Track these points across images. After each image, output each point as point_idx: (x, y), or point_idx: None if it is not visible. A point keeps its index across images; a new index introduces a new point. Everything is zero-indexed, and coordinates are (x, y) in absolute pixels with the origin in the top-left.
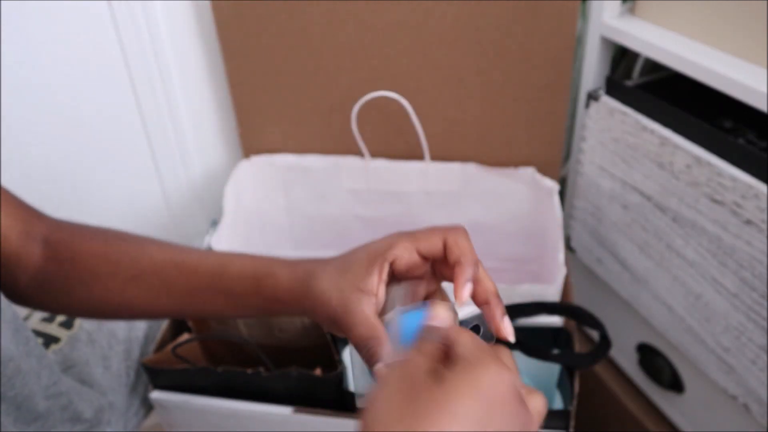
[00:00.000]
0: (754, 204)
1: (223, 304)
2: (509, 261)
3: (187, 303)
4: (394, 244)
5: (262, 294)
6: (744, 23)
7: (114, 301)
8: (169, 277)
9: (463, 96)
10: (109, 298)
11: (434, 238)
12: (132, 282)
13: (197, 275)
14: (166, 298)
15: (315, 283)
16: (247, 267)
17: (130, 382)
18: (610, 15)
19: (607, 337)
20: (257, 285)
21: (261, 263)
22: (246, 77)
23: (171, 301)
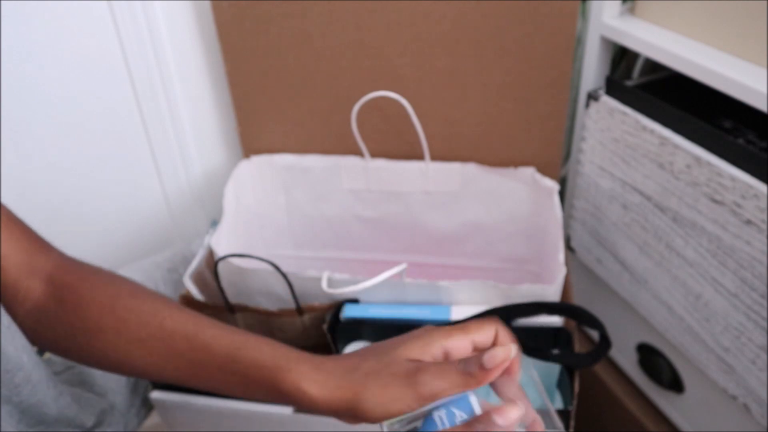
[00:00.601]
0: (754, 204)
1: (235, 386)
2: (509, 261)
3: (195, 377)
4: (449, 335)
5: (279, 389)
6: (744, 23)
7: (115, 358)
8: (177, 348)
9: (463, 96)
10: (110, 353)
11: (488, 329)
12: (137, 344)
13: (209, 353)
14: (172, 368)
15: (360, 403)
16: (265, 355)
17: (131, 383)
18: (610, 15)
19: (607, 337)
20: (274, 378)
21: (281, 354)
22: (246, 77)
23: (177, 372)
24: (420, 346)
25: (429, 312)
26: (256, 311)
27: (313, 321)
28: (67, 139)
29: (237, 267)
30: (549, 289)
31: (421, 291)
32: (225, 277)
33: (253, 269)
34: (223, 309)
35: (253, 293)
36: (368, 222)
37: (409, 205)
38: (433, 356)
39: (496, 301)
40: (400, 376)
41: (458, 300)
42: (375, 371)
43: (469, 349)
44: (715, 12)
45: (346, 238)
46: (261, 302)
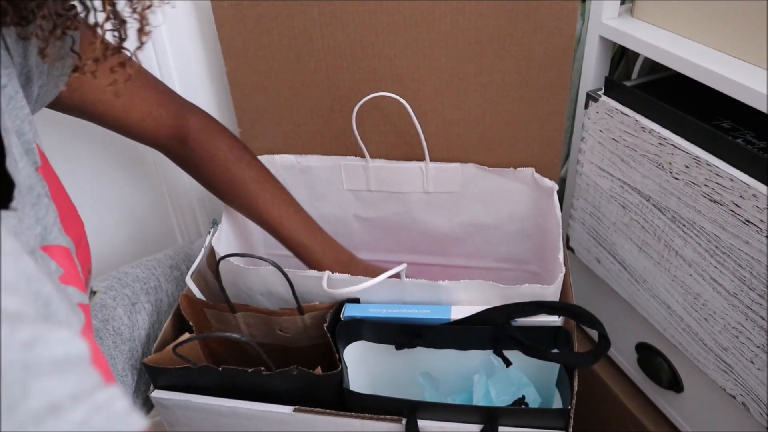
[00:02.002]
0: (753, 204)
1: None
2: (509, 261)
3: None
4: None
5: (298, 256)
6: (743, 24)
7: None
8: (263, 225)
9: (463, 96)
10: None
11: None
12: (240, 208)
13: (281, 239)
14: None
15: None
16: (297, 235)
17: (133, 383)
18: (609, 15)
19: (606, 337)
20: (297, 251)
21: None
22: (246, 77)
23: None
24: None
25: (429, 312)
26: (257, 311)
27: (313, 320)
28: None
29: (237, 267)
30: (548, 289)
31: (421, 291)
32: (226, 276)
33: (253, 269)
34: (225, 308)
35: (253, 293)
36: (368, 222)
37: (409, 205)
38: None
39: (495, 301)
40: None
41: (458, 300)
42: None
43: None
44: (714, 12)
45: (346, 238)
46: (261, 302)
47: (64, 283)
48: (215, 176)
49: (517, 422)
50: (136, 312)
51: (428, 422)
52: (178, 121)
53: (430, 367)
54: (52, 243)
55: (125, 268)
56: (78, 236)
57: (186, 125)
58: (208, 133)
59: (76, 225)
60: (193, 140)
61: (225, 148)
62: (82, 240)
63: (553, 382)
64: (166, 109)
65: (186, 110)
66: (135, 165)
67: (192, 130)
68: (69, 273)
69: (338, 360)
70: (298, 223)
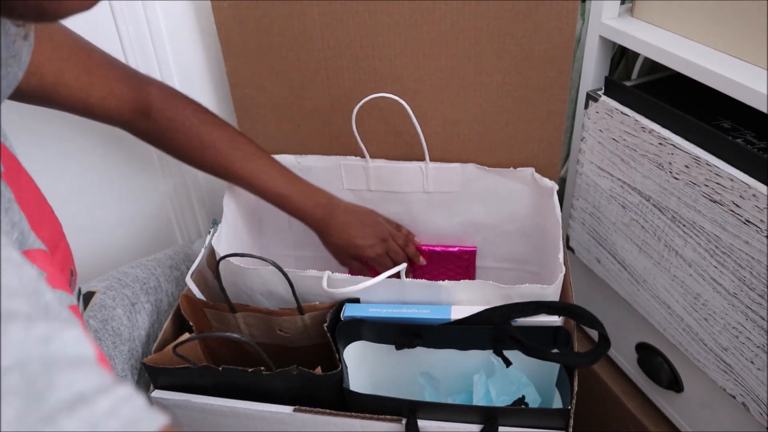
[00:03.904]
0: (753, 204)
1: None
2: (509, 261)
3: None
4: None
5: (280, 207)
6: (743, 23)
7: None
8: (239, 182)
9: (463, 96)
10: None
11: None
12: (212, 172)
13: (258, 191)
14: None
15: (325, 237)
16: (274, 185)
17: (133, 383)
18: (609, 15)
19: (606, 337)
20: (278, 202)
21: (280, 195)
22: (246, 77)
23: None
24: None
25: (429, 311)
26: (257, 310)
27: (313, 320)
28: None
29: (237, 267)
30: (548, 288)
31: (421, 291)
32: (226, 276)
33: (253, 269)
34: (225, 308)
35: (253, 293)
36: None
37: (409, 205)
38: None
39: (495, 301)
40: (370, 225)
41: (458, 300)
42: (353, 212)
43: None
44: (714, 12)
45: None
46: (261, 302)
47: (52, 287)
48: (185, 143)
49: (517, 422)
50: (135, 312)
51: (428, 422)
52: (139, 95)
53: (430, 367)
54: (30, 247)
55: (125, 268)
56: (55, 239)
57: (148, 98)
58: (170, 101)
59: (52, 227)
60: (157, 111)
61: (189, 113)
62: (61, 242)
63: (553, 382)
64: (126, 84)
65: (145, 83)
66: (135, 165)
67: (154, 101)
68: (52, 277)
69: (338, 360)
70: (274, 174)
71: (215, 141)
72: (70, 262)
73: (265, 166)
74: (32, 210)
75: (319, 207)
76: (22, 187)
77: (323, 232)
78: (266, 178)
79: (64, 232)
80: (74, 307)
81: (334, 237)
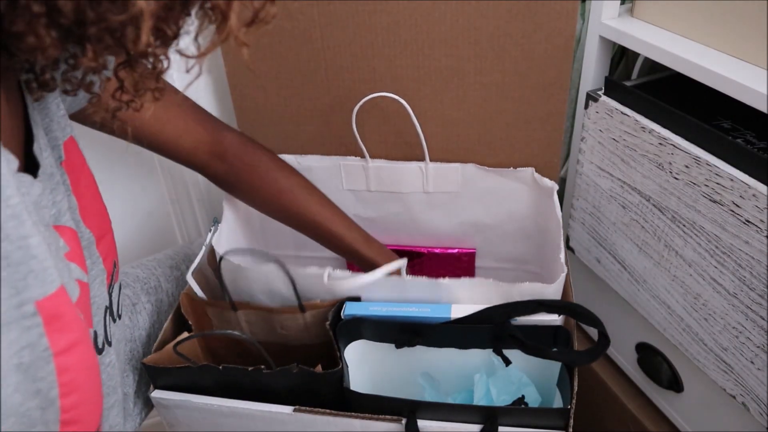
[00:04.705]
0: (753, 204)
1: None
2: (509, 261)
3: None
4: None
5: (351, 260)
6: (743, 23)
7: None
8: (318, 235)
9: (463, 96)
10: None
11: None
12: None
13: (335, 245)
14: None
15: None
16: (367, 254)
17: (135, 383)
18: (609, 15)
19: (605, 335)
20: (349, 253)
21: (358, 243)
22: (246, 77)
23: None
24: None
25: (429, 310)
26: (259, 308)
27: (315, 318)
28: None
29: (238, 266)
30: (549, 288)
31: (421, 289)
32: (226, 275)
33: (254, 267)
34: (226, 306)
35: (254, 292)
36: (368, 222)
37: (409, 205)
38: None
39: (496, 299)
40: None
41: (458, 298)
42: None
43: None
44: (714, 12)
45: None
46: (262, 301)
47: (69, 259)
48: (260, 188)
49: (517, 422)
50: (136, 312)
51: (428, 422)
52: (215, 138)
53: (431, 366)
54: (63, 224)
55: (125, 269)
56: (102, 231)
57: (223, 141)
58: (246, 146)
59: (101, 220)
60: (233, 155)
61: (265, 159)
62: (107, 234)
63: (553, 381)
64: (203, 126)
65: (220, 127)
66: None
67: (229, 145)
68: (74, 252)
69: (339, 358)
70: (349, 227)
71: (292, 186)
72: (113, 254)
73: (340, 218)
74: (86, 200)
75: (392, 259)
76: (82, 179)
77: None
78: (343, 230)
79: (111, 228)
80: (84, 284)
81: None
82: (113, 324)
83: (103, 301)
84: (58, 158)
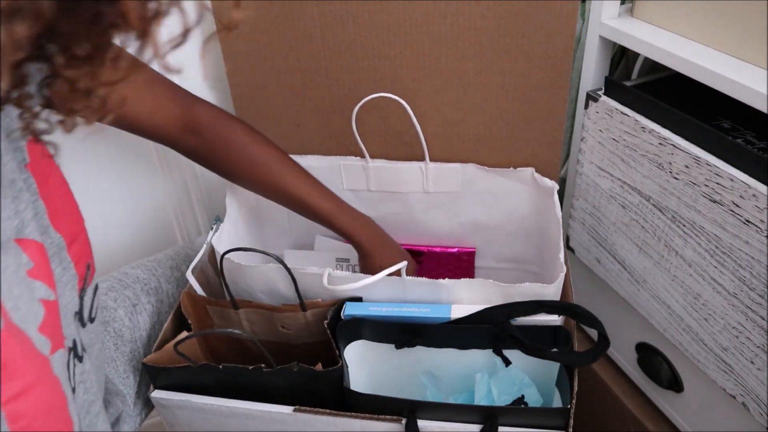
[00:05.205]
0: (753, 204)
1: (312, 220)
2: (509, 261)
3: (291, 209)
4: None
5: (328, 226)
6: (743, 23)
7: (243, 185)
8: (289, 201)
9: (463, 96)
10: (240, 184)
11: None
12: (262, 191)
13: (310, 212)
14: (279, 202)
15: (371, 256)
16: (345, 225)
17: (135, 383)
18: (609, 15)
19: (605, 336)
20: (323, 222)
21: (332, 214)
22: (246, 77)
23: (280, 203)
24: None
25: (429, 310)
26: (260, 307)
27: (315, 317)
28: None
29: (238, 265)
30: (549, 288)
31: (421, 289)
32: (226, 274)
33: (255, 266)
34: (227, 305)
35: (254, 291)
36: None
37: (409, 205)
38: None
39: (496, 300)
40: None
41: (458, 298)
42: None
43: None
44: (714, 12)
45: None
46: (262, 300)
47: (32, 277)
48: (235, 161)
49: (517, 422)
50: (137, 313)
51: (428, 422)
52: (188, 112)
53: (431, 367)
54: (26, 237)
55: (126, 269)
56: (74, 231)
57: (196, 115)
58: (219, 118)
59: (72, 222)
60: (206, 128)
61: (239, 131)
62: (80, 235)
63: (553, 381)
64: (174, 102)
65: (193, 101)
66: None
67: (203, 118)
68: (39, 268)
69: (338, 356)
70: (324, 194)
71: (267, 159)
72: (87, 256)
73: (314, 187)
74: (56, 202)
75: (367, 228)
76: (50, 179)
77: (366, 256)
78: (317, 198)
79: (85, 227)
80: (50, 303)
81: (376, 259)
82: (82, 329)
83: (72, 307)
84: (22, 161)
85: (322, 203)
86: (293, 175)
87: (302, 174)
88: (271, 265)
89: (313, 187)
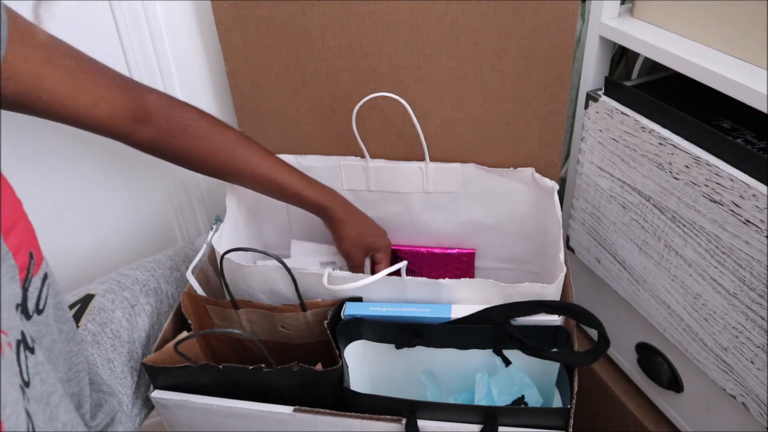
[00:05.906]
0: (753, 204)
1: (287, 202)
2: (509, 261)
3: (266, 194)
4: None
5: (294, 203)
6: (743, 23)
7: (212, 174)
8: (262, 184)
9: (463, 96)
10: (207, 173)
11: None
12: (230, 177)
13: (282, 191)
14: (250, 187)
15: (342, 228)
16: (316, 197)
17: (134, 384)
18: (609, 15)
19: (605, 336)
20: (294, 198)
21: (325, 199)
22: (246, 77)
23: (253, 189)
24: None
25: (429, 310)
26: (260, 307)
27: (315, 317)
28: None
29: (238, 265)
30: (549, 288)
31: (421, 289)
32: (226, 275)
33: (255, 266)
34: (227, 305)
35: (254, 291)
36: None
37: (409, 205)
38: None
39: (496, 300)
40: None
41: (458, 298)
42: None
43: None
44: (714, 12)
45: None
46: (262, 300)
47: None
48: (195, 148)
49: (517, 422)
50: (135, 314)
51: (428, 422)
52: (136, 102)
53: (431, 367)
54: None
55: (124, 270)
56: (11, 221)
57: (145, 104)
58: (171, 105)
59: (9, 209)
60: (158, 117)
61: (195, 116)
62: (18, 223)
63: (553, 381)
64: (119, 91)
65: (141, 90)
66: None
67: (153, 107)
68: None
69: (338, 356)
70: (288, 172)
71: (227, 141)
72: (30, 245)
73: (276, 165)
74: None
75: (337, 197)
76: None
77: (342, 223)
78: (284, 174)
79: (24, 212)
80: None
81: (352, 226)
82: (27, 321)
83: (14, 299)
84: None
85: (289, 179)
86: (257, 155)
87: (265, 153)
88: (271, 266)
89: (278, 164)
